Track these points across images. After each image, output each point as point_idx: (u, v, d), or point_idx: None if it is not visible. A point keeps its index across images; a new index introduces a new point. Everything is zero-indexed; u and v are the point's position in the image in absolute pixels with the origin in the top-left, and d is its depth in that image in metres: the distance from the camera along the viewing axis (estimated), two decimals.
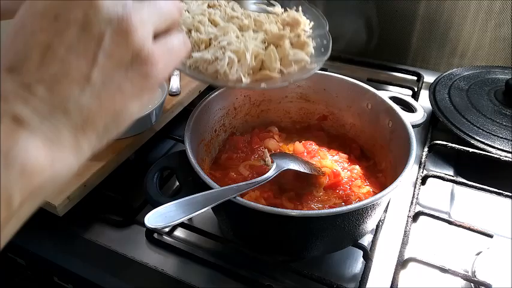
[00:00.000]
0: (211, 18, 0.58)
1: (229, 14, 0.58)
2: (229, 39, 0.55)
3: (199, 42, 0.55)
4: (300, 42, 0.59)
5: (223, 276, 0.56)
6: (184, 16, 0.57)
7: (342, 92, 0.69)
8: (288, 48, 0.58)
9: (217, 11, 0.59)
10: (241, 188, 0.47)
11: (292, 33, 0.60)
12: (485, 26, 0.95)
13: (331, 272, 0.57)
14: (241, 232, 0.57)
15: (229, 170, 0.62)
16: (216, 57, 0.53)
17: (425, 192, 0.68)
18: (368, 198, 0.48)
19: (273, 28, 0.58)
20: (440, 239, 0.61)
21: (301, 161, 0.60)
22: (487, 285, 0.52)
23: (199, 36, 0.55)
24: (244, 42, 0.55)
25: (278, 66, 0.57)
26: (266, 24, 0.58)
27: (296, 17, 0.60)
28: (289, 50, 0.58)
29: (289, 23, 0.60)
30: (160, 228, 0.42)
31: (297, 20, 0.60)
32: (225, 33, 0.56)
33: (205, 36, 0.55)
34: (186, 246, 0.60)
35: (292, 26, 0.61)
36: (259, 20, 0.59)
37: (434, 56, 1.04)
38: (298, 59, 0.58)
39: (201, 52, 0.55)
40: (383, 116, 0.64)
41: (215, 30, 0.56)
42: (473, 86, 0.87)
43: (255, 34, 0.57)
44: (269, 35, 0.58)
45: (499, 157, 0.69)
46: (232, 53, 0.53)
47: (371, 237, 0.60)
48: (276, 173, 0.54)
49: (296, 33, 0.60)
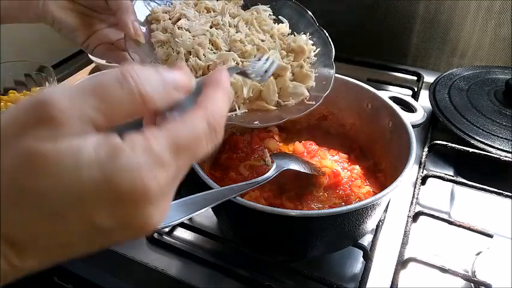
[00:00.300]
0: (212, 39, 0.57)
1: (232, 38, 0.57)
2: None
3: (197, 67, 0.54)
4: (302, 73, 0.58)
5: (223, 276, 0.56)
6: (185, 37, 0.56)
7: (342, 92, 0.69)
8: (288, 80, 0.57)
9: (220, 32, 0.58)
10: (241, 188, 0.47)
11: (295, 61, 0.59)
12: (485, 26, 0.95)
13: (331, 272, 0.57)
14: (241, 232, 0.57)
15: (229, 170, 0.62)
16: None
17: (425, 192, 0.68)
18: (368, 198, 0.48)
19: (276, 55, 0.57)
20: (440, 239, 0.61)
21: (301, 161, 0.60)
22: (487, 285, 0.51)
23: (197, 62, 0.54)
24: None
25: (276, 99, 0.56)
26: (269, 51, 0.57)
27: (302, 45, 0.59)
28: (289, 82, 0.57)
29: (294, 49, 0.60)
30: (160, 228, 0.42)
31: (303, 48, 0.59)
32: (224, 62, 0.55)
33: (204, 63, 0.54)
34: (186, 246, 0.60)
35: (296, 54, 0.60)
36: (262, 47, 0.57)
37: (434, 56, 1.04)
38: (298, 93, 0.57)
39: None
40: (383, 116, 0.64)
41: (214, 57, 0.54)
42: (473, 86, 0.87)
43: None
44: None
45: (499, 157, 0.69)
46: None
47: (371, 237, 0.60)
48: (276, 173, 0.54)
49: (299, 62, 0.59)
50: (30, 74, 0.77)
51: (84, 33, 0.59)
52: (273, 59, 0.50)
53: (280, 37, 0.61)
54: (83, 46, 0.61)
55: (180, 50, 0.55)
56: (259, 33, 0.60)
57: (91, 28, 0.60)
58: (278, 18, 0.64)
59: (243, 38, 0.57)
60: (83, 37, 0.59)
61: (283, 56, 0.59)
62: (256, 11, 0.63)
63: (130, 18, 0.55)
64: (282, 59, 0.59)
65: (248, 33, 0.59)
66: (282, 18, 0.64)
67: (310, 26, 0.64)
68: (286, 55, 0.59)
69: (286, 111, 0.56)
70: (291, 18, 0.64)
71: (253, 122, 0.52)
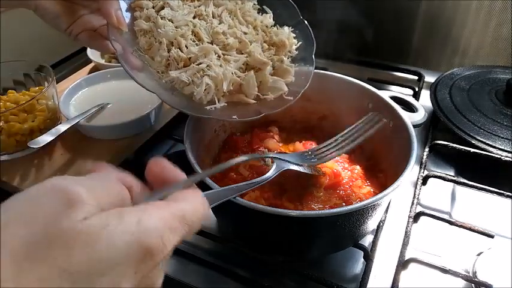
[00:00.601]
0: (195, 30, 0.57)
1: (215, 29, 0.57)
2: (209, 61, 0.54)
3: (179, 59, 0.55)
4: (282, 68, 0.59)
5: (223, 276, 0.56)
6: (168, 27, 0.56)
7: (343, 92, 0.69)
8: (268, 75, 0.58)
9: (203, 23, 0.58)
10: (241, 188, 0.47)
11: (276, 55, 0.59)
12: (487, 26, 0.95)
13: (332, 272, 0.57)
14: (241, 232, 0.57)
15: (229, 170, 0.62)
16: (193, 80, 0.53)
17: (426, 192, 0.68)
18: (369, 199, 0.47)
19: (257, 50, 0.57)
20: (441, 239, 0.60)
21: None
22: (488, 285, 0.51)
23: (179, 54, 0.54)
24: (223, 69, 0.54)
25: (255, 93, 0.56)
26: (251, 45, 0.58)
27: (283, 40, 0.60)
28: (269, 77, 0.57)
29: (276, 43, 0.60)
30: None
31: (284, 42, 0.60)
32: (206, 54, 0.55)
33: (185, 55, 0.55)
34: (186, 247, 0.60)
35: (278, 47, 0.60)
36: (244, 40, 0.58)
37: (435, 56, 1.03)
38: (277, 87, 0.58)
39: (179, 72, 0.54)
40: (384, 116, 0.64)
41: (196, 49, 0.55)
42: (474, 85, 0.87)
43: (237, 56, 0.57)
44: (252, 58, 0.57)
45: (500, 157, 0.68)
46: (210, 80, 0.53)
47: (372, 238, 0.60)
48: (276, 173, 0.54)
49: (280, 57, 0.59)
50: (29, 73, 0.77)
51: (67, 19, 0.59)
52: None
53: (263, 29, 0.61)
54: (66, 32, 0.60)
55: (163, 41, 0.55)
56: (242, 24, 0.60)
57: (74, 14, 0.59)
58: (262, 8, 0.64)
59: (226, 30, 0.58)
60: (65, 23, 0.59)
61: (264, 50, 0.60)
62: (241, 0, 0.63)
63: (113, 7, 0.55)
64: (264, 52, 0.59)
65: (231, 25, 0.59)
66: (266, 8, 0.64)
67: (294, 18, 0.64)
68: (268, 48, 0.60)
69: (264, 105, 0.57)
70: (276, 8, 0.64)
71: (232, 116, 0.53)
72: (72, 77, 0.92)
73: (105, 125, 0.71)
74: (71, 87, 0.79)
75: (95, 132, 0.73)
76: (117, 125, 0.71)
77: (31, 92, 0.75)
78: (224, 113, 0.54)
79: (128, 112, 0.73)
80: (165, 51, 0.55)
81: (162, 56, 0.55)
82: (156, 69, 0.56)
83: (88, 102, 0.77)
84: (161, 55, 0.55)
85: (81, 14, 0.60)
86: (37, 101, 0.69)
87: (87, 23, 0.60)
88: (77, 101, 0.78)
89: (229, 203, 0.46)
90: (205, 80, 0.53)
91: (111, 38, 0.54)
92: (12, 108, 0.67)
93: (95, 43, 0.61)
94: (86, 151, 0.70)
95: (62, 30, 0.60)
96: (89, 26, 0.60)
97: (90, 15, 0.61)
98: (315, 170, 0.60)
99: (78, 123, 0.69)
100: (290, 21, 0.64)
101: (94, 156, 0.69)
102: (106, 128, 0.71)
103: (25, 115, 0.68)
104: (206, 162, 0.64)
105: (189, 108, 0.53)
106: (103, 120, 0.73)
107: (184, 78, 0.53)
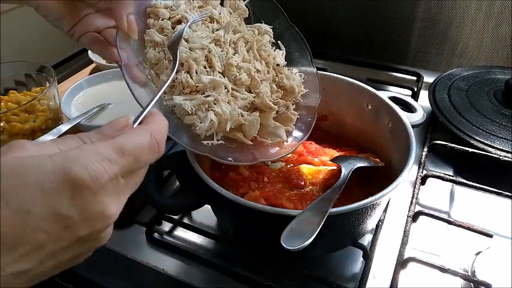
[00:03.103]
0: (209, 56, 0.53)
1: (229, 61, 0.54)
2: (217, 95, 0.51)
3: (186, 84, 0.51)
4: (286, 115, 0.58)
5: (223, 276, 0.56)
6: (181, 47, 0.52)
7: (342, 92, 0.69)
8: (272, 120, 0.56)
9: (219, 50, 0.55)
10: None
11: (283, 99, 0.58)
12: (485, 26, 0.95)
13: (331, 271, 0.57)
14: (241, 232, 0.57)
15: (229, 170, 0.62)
16: (196, 111, 0.50)
17: (425, 192, 0.68)
18: (368, 198, 0.48)
19: (267, 92, 0.55)
20: (440, 238, 0.61)
21: (360, 158, 0.62)
22: (486, 285, 0.52)
23: (188, 79, 0.51)
24: (231, 109, 0.52)
25: (254, 135, 0.55)
26: (261, 86, 0.55)
27: (294, 87, 0.58)
28: (272, 122, 0.56)
29: (285, 87, 0.58)
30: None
31: (294, 90, 0.58)
32: (215, 87, 0.52)
33: (195, 82, 0.51)
34: (186, 246, 0.60)
35: (286, 92, 0.59)
36: (257, 80, 0.55)
37: (434, 56, 1.04)
38: (276, 134, 0.57)
39: (184, 99, 0.50)
40: (383, 116, 0.64)
41: (207, 80, 0.51)
42: (472, 86, 0.88)
43: (245, 95, 0.55)
44: (260, 100, 0.55)
45: (499, 157, 0.69)
46: (215, 116, 0.50)
47: (371, 237, 0.60)
48: (349, 174, 0.55)
49: (286, 103, 0.58)
50: (31, 74, 0.77)
51: (70, 19, 0.54)
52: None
53: (274, 67, 0.59)
54: (69, 34, 0.56)
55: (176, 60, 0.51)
56: (256, 59, 0.57)
57: (78, 13, 0.55)
58: (277, 42, 0.63)
59: (240, 63, 0.55)
60: (68, 24, 0.55)
61: (273, 91, 0.57)
62: (259, 29, 0.61)
63: (126, 10, 0.50)
64: (271, 93, 0.57)
65: (246, 59, 0.56)
66: (280, 44, 0.62)
67: (283, 24, 0.63)
68: (276, 90, 0.58)
69: (260, 150, 0.55)
70: (266, 15, 0.62)
71: (227, 158, 0.51)
72: (73, 78, 0.92)
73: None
74: (72, 88, 0.79)
75: None
76: None
77: (32, 93, 0.75)
78: (220, 151, 0.52)
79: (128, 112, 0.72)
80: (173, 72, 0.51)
81: (168, 76, 0.50)
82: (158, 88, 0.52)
83: (89, 102, 0.77)
84: (168, 75, 0.50)
85: (85, 14, 0.55)
86: (38, 101, 0.70)
87: (91, 24, 0.55)
88: (78, 101, 0.79)
89: (229, 203, 0.47)
90: (210, 115, 0.50)
91: (118, 45, 0.49)
92: (13, 109, 0.68)
93: (97, 48, 0.56)
94: None
95: (65, 31, 0.56)
96: (92, 27, 0.55)
97: (94, 15, 0.56)
98: (373, 161, 0.61)
99: (79, 123, 0.70)
100: (280, 27, 0.62)
101: None
102: None
103: (26, 115, 0.69)
104: (206, 162, 0.65)
105: (184, 140, 0.50)
106: (104, 120, 0.73)
107: (187, 108, 0.50)
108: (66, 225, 0.27)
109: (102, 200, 0.29)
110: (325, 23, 1.08)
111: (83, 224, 0.28)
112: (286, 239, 0.42)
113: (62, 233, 0.27)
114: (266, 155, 0.55)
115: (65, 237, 0.28)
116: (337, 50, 0.99)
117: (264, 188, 0.56)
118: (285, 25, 0.63)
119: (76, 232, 0.28)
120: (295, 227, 0.43)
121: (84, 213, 0.28)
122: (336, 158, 0.62)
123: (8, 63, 0.76)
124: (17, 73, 0.77)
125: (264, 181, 0.58)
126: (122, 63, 0.49)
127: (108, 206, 0.29)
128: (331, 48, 1.05)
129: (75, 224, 0.28)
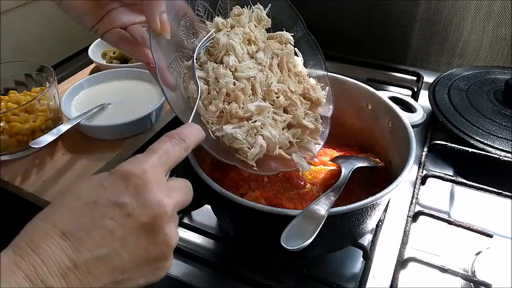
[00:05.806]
0: (253, 83, 0.54)
1: (270, 88, 0.55)
2: (263, 120, 0.53)
3: (234, 114, 0.51)
4: (316, 127, 0.59)
5: (223, 276, 0.56)
6: (227, 77, 0.52)
7: (342, 92, 0.69)
8: (306, 135, 0.57)
9: (262, 78, 0.55)
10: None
11: (310, 110, 0.59)
12: (485, 26, 0.95)
13: (331, 271, 0.57)
14: (241, 232, 0.57)
15: (229, 170, 0.62)
16: (246, 139, 0.51)
17: (425, 192, 0.68)
18: (368, 198, 0.48)
19: (300, 113, 0.57)
20: (440, 238, 0.61)
21: (361, 158, 0.62)
22: (486, 285, 0.52)
23: (237, 110, 0.51)
24: (279, 133, 0.53)
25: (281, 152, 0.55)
26: (294, 107, 0.57)
27: (320, 99, 0.59)
28: (306, 137, 0.57)
29: (312, 99, 0.60)
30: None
31: (320, 102, 0.60)
32: (260, 112, 0.53)
33: (243, 112, 0.52)
34: (186, 246, 0.60)
35: (312, 104, 0.60)
36: (294, 101, 0.57)
37: (434, 56, 1.04)
38: (307, 149, 0.57)
39: (232, 127, 0.51)
40: (383, 116, 0.64)
41: (254, 108, 0.52)
42: (472, 86, 0.88)
43: (284, 116, 0.56)
44: (296, 120, 0.56)
45: (499, 157, 0.69)
46: (264, 141, 0.52)
47: (371, 237, 0.60)
48: (349, 174, 0.55)
49: (315, 114, 0.59)
50: (31, 74, 0.77)
51: (94, 16, 0.51)
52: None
53: (296, 72, 0.60)
54: (92, 30, 0.52)
55: (221, 91, 0.51)
56: (289, 77, 0.59)
57: (102, 8, 0.51)
58: (297, 55, 0.63)
59: (276, 85, 0.56)
60: (92, 21, 0.51)
61: (301, 103, 0.59)
62: (281, 38, 0.61)
63: (159, 9, 0.46)
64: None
65: (280, 80, 0.57)
66: (297, 51, 0.62)
67: (300, 31, 0.63)
68: (305, 102, 0.59)
69: (281, 160, 0.55)
70: (284, 20, 0.63)
71: (253, 168, 0.52)
72: (73, 78, 0.92)
73: (106, 125, 0.71)
74: (72, 88, 0.79)
75: (96, 132, 0.73)
76: (118, 125, 0.71)
77: (32, 93, 0.75)
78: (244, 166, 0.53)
79: (128, 112, 0.73)
80: (221, 103, 0.51)
81: (217, 107, 0.51)
82: (207, 119, 0.52)
83: (89, 102, 0.77)
84: (216, 105, 0.51)
85: (110, 8, 0.52)
86: (38, 101, 0.70)
87: (116, 20, 0.52)
88: (78, 101, 0.79)
89: (229, 203, 0.47)
90: (259, 141, 0.51)
91: (151, 46, 0.47)
92: (13, 109, 0.68)
93: (125, 46, 0.53)
94: (87, 151, 0.70)
95: (88, 27, 0.52)
96: (118, 23, 0.52)
97: (120, 9, 0.52)
98: (373, 161, 0.61)
99: (79, 123, 0.70)
100: (297, 34, 0.63)
101: (95, 156, 0.70)
102: (107, 128, 0.72)
103: (26, 115, 0.69)
104: (206, 162, 0.65)
105: (215, 149, 0.50)
106: (104, 120, 0.73)
107: (239, 136, 0.51)
108: (128, 213, 0.32)
109: (152, 188, 0.33)
110: (325, 22, 1.08)
111: (142, 210, 0.32)
112: (286, 239, 0.42)
113: (126, 219, 0.32)
114: (287, 166, 0.56)
115: (129, 223, 0.32)
116: (337, 50, 0.99)
117: (264, 188, 0.57)
118: (302, 32, 0.63)
119: (138, 218, 0.32)
120: (295, 227, 0.43)
121: (139, 199, 0.32)
122: (336, 158, 0.62)
123: (8, 63, 0.76)
124: (17, 73, 0.77)
125: (264, 181, 0.58)
126: (156, 66, 0.46)
127: (159, 194, 0.33)
128: (331, 48, 1.05)
129: (134, 209, 0.32)
